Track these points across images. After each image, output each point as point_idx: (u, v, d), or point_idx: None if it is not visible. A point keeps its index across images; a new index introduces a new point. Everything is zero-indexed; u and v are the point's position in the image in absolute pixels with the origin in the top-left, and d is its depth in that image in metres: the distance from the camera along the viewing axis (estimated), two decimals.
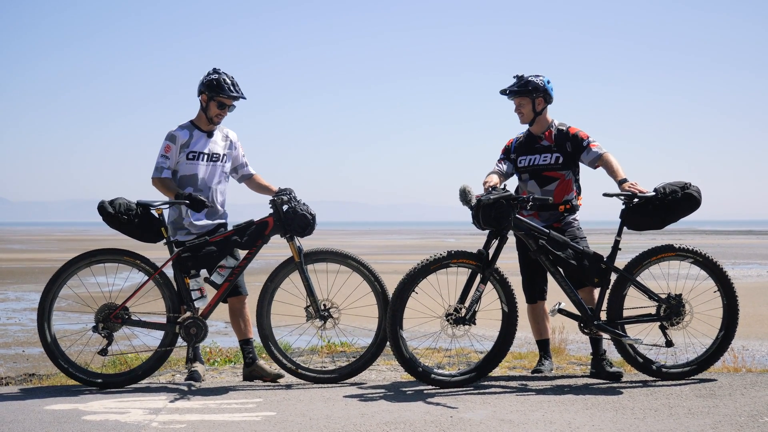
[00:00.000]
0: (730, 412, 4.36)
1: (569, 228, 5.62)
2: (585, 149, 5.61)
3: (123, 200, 5.41)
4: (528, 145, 5.74)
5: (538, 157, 5.67)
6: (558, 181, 5.64)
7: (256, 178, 5.93)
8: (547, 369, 5.69)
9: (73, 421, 4.32)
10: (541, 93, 5.65)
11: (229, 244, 5.39)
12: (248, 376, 5.61)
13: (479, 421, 4.24)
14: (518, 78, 5.69)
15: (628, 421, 4.22)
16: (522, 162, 5.73)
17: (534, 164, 5.68)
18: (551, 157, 5.64)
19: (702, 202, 5.32)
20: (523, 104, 5.69)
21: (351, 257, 5.44)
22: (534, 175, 5.68)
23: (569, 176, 5.67)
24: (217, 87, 5.59)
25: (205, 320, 5.38)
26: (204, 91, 5.63)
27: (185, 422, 4.28)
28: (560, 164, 5.63)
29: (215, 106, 5.63)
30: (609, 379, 5.39)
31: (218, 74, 5.62)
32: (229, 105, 5.66)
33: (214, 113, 5.66)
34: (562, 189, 5.64)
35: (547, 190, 5.63)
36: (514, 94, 5.68)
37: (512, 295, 5.25)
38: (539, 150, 5.69)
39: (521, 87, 5.65)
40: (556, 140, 5.66)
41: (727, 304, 5.35)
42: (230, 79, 5.63)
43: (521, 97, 5.68)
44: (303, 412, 4.49)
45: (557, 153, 5.64)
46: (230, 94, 5.61)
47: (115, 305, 5.32)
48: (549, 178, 5.65)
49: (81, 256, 5.38)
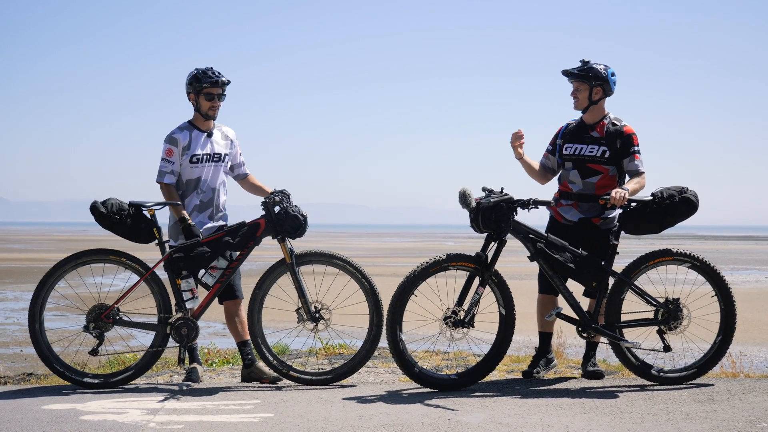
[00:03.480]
0: (728, 417, 4.36)
1: (608, 226, 5.49)
2: (630, 155, 5.48)
3: (115, 200, 5.41)
4: (577, 133, 5.61)
5: (585, 147, 5.53)
6: (602, 175, 5.51)
7: (250, 178, 5.94)
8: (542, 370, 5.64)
9: (70, 421, 4.32)
10: (601, 82, 5.48)
11: (220, 245, 5.38)
12: (246, 378, 5.60)
13: (477, 424, 4.24)
14: (583, 62, 5.53)
15: (626, 425, 4.22)
16: (568, 149, 5.59)
17: (580, 154, 5.54)
18: (598, 150, 5.50)
19: (699, 206, 5.33)
20: (580, 89, 5.53)
21: (336, 257, 5.44)
22: (578, 165, 5.54)
23: (613, 172, 5.52)
24: (199, 78, 5.60)
25: (196, 321, 5.38)
26: (190, 90, 5.64)
27: (183, 423, 4.28)
28: (606, 158, 5.49)
29: (204, 99, 5.63)
30: (590, 378, 5.51)
31: (196, 69, 5.65)
32: (217, 93, 5.64)
33: (207, 107, 5.65)
34: (604, 183, 5.50)
35: (589, 182, 5.51)
36: (574, 77, 5.51)
37: (510, 299, 5.25)
38: (588, 140, 5.55)
39: (582, 71, 5.48)
40: (607, 134, 5.52)
41: (724, 309, 5.35)
42: (208, 69, 5.64)
43: (580, 82, 5.51)
44: (301, 413, 4.49)
45: (605, 146, 5.49)
46: (213, 79, 5.60)
47: (106, 305, 5.33)
48: (592, 171, 5.51)
49: (66, 259, 5.38)
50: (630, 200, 5.28)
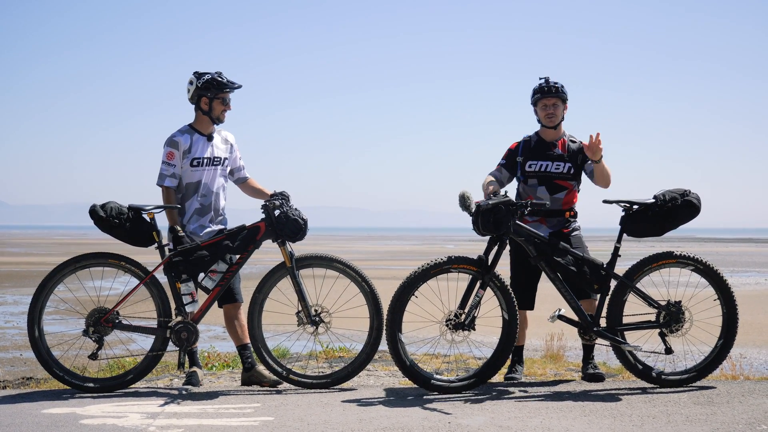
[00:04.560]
0: (728, 420, 4.35)
1: (574, 233, 5.67)
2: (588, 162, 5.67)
3: (114, 204, 5.41)
4: (540, 150, 5.74)
5: (551, 164, 5.69)
6: (567, 190, 5.69)
7: (250, 182, 5.94)
8: (520, 374, 5.73)
9: (70, 425, 4.31)
10: (567, 101, 5.76)
11: (220, 249, 5.38)
12: (247, 381, 5.60)
13: (477, 427, 4.24)
14: (547, 80, 5.70)
15: (626, 428, 4.22)
16: (532, 166, 5.71)
17: (546, 171, 5.68)
18: (564, 167, 5.68)
19: (701, 209, 5.34)
20: (557, 105, 5.71)
21: (336, 260, 5.44)
22: (545, 182, 5.68)
23: (576, 187, 5.75)
24: (218, 85, 5.60)
25: (196, 324, 5.38)
26: (204, 94, 5.62)
27: (183, 426, 4.27)
28: (572, 174, 5.69)
29: (219, 103, 5.65)
30: (591, 381, 5.53)
31: (209, 74, 5.63)
32: (228, 98, 5.68)
33: (220, 110, 5.67)
34: (570, 198, 5.71)
35: (557, 198, 5.67)
36: (553, 95, 5.67)
37: (512, 302, 5.24)
38: (552, 157, 5.70)
39: (561, 89, 5.68)
40: (569, 151, 5.71)
41: (726, 312, 5.33)
42: (220, 74, 5.65)
43: (558, 99, 5.70)
44: (301, 417, 4.48)
45: (569, 163, 5.69)
46: (232, 86, 5.65)
47: (106, 309, 5.32)
48: (559, 186, 5.68)
49: (66, 263, 5.38)
50: (632, 202, 5.32)
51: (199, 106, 5.67)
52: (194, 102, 5.68)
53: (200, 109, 5.67)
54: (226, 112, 5.71)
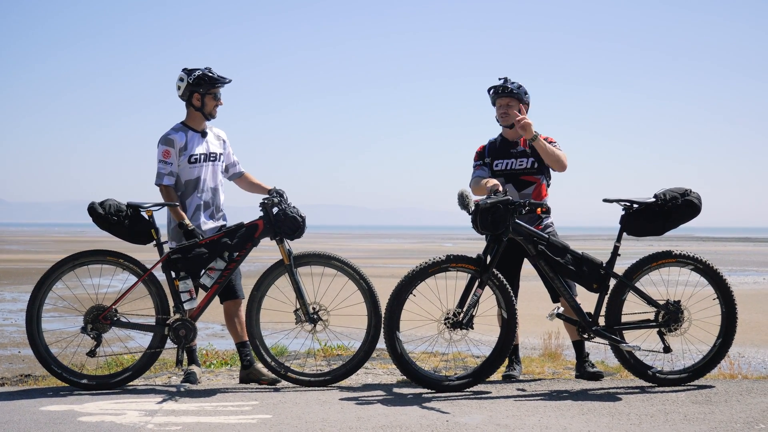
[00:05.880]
0: (726, 419, 4.36)
1: (548, 230, 5.71)
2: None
3: (113, 201, 5.40)
4: (503, 150, 5.84)
5: (515, 161, 5.79)
6: (535, 185, 5.76)
7: (246, 176, 5.95)
8: (518, 373, 5.75)
9: (68, 423, 4.31)
10: (526, 99, 5.80)
11: (219, 246, 5.37)
12: (245, 379, 5.60)
13: (475, 425, 4.24)
14: (505, 80, 5.79)
15: (623, 426, 4.22)
16: (498, 165, 5.81)
17: (511, 168, 5.78)
18: (527, 162, 5.76)
19: (702, 208, 5.34)
20: (512, 105, 5.77)
21: (334, 258, 5.44)
22: (511, 179, 5.77)
23: (543, 181, 5.80)
24: (210, 80, 5.62)
25: (194, 322, 5.38)
26: (196, 90, 5.62)
27: (181, 424, 4.27)
28: (536, 168, 5.76)
29: (211, 99, 5.66)
30: (590, 379, 5.55)
31: (199, 70, 5.64)
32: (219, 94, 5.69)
33: (212, 106, 5.68)
34: (538, 193, 5.76)
35: (525, 194, 5.73)
36: (507, 95, 5.75)
37: (512, 301, 5.24)
38: (515, 155, 5.80)
39: (516, 89, 5.75)
40: (531, 146, 5.76)
41: (726, 312, 5.33)
42: (210, 69, 5.66)
43: (512, 98, 5.76)
44: (299, 415, 4.48)
45: (533, 158, 5.76)
46: (223, 81, 5.66)
47: (104, 307, 5.32)
48: (526, 182, 5.76)
49: (64, 260, 5.37)
50: (632, 201, 5.33)
51: (191, 102, 5.67)
52: (186, 99, 5.69)
53: (192, 105, 5.68)
54: (217, 108, 5.72)
